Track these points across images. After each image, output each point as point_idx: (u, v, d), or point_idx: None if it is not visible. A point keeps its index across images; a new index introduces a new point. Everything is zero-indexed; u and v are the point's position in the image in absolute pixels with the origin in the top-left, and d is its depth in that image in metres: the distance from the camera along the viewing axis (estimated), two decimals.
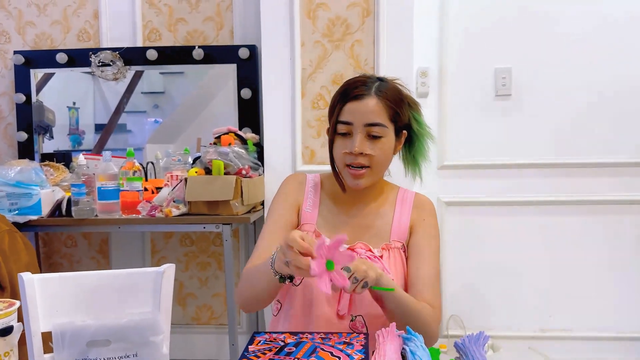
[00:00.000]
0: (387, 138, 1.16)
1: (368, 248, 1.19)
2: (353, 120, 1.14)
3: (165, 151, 2.45)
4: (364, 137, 1.14)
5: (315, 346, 0.91)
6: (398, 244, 1.21)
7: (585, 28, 2.33)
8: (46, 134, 2.67)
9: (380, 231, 1.23)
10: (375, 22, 2.22)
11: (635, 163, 2.35)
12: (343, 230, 1.23)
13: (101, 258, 2.67)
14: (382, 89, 1.16)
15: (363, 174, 1.16)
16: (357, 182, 1.17)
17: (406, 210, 1.25)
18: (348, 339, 0.96)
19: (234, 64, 2.51)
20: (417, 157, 1.28)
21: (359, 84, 1.17)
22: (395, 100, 1.17)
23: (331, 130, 1.19)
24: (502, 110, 2.39)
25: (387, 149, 1.17)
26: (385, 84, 1.18)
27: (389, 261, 1.18)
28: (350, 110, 1.15)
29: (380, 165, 1.18)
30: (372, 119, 1.14)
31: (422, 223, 1.24)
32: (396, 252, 1.20)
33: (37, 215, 2.05)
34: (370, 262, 1.05)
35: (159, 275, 1.34)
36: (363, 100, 1.14)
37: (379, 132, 1.15)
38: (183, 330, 2.63)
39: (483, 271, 2.45)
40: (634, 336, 2.39)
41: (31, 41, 2.65)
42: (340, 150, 1.17)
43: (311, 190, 1.26)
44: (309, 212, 1.23)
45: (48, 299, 1.28)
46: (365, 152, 1.14)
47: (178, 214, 2.03)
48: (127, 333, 1.25)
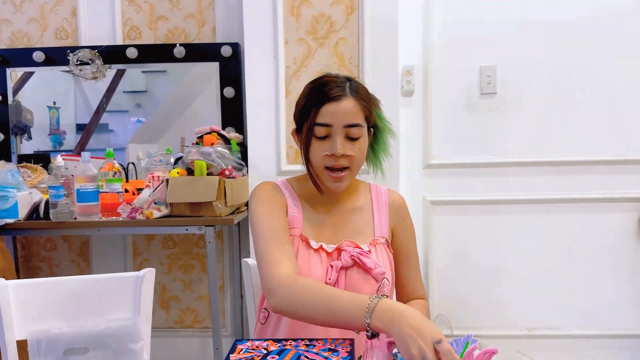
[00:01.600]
0: (363, 138, 1.17)
1: (355, 245, 1.18)
2: (332, 122, 1.12)
3: (146, 151, 2.40)
4: (344, 139, 1.13)
5: (299, 354, 0.88)
6: (382, 240, 1.22)
7: (570, 26, 2.34)
8: (24, 135, 2.61)
9: (363, 227, 1.23)
10: (360, 20, 2.20)
11: (620, 160, 2.36)
12: (325, 233, 1.21)
13: (81, 261, 2.61)
14: (355, 88, 1.16)
15: (343, 176, 1.16)
16: (338, 184, 1.17)
17: (383, 207, 1.26)
18: (333, 345, 0.93)
19: (216, 62, 2.47)
20: (379, 153, 1.28)
21: (332, 85, 1.14)
22: (367, 99, 1.18)
23: (307, 132, 1.15)
24: (488, 108, 2.39)
25: (364, 149, 1.18)
26: (355, 83, 1.17)
27: (377, 256, 1.19)
28: (329, 112, 1.12)
29: (359, 165, 1.18)
30: (351, 120, 1.13)
31: (402, 223, 1.28)
32: (382, 248, 1.21)
33: (13, 218, 1.99)
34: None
35: (139, 279, 1.31)
36: (341, 102, 1.13)
37: (358, 132, 1.14)
38: (166, 334, 2.58)
39: (469, 270, 2.44)
40: (621, 334, 2.40)
41: (7, 39, 2.58)
42: (320, 152, 1.14)
43: (288, 195, 1.23)
44: (295, 217, 1.21)
45: (23, 305, 1.24)
46: (347, 154, 1.13)
47: (159, 215, 1.99)
48: (106, 340, 1.22)
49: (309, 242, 1.18)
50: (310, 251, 1.17)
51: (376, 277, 1.15)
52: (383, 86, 2.20)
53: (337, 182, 1.16)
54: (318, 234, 1.20)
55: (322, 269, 1.15)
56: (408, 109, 2.39)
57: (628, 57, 2.33)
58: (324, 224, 1.22)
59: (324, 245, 1.18)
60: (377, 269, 1.15)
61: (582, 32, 2.33)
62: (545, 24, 2.34)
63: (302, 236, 1.19)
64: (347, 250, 1.16)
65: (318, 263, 1.16)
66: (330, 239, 1.20)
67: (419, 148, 2.42)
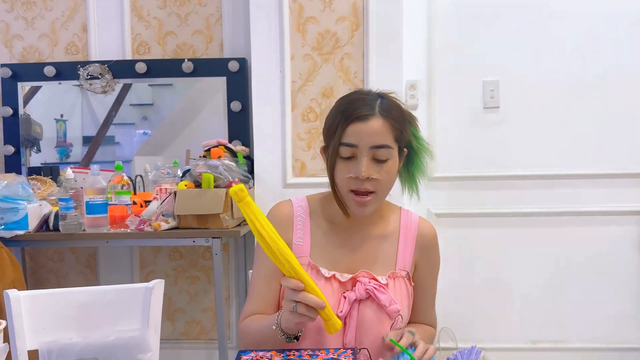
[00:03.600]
0: (392, 160, 1.09)
1: (372, 277, 1.11)
2: (358, 142, 1.05)
3: (154, 164, 2.43)
4: (370, 160, 1.06)
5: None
6: (403, 273, 1.16)
7: (572, 41, 2.37)
8: (33, 147, 2.64)
9: (385, 259, 1.15)
10: (365, 36, 2.24)
11: (624, 174, 2.37)
12: (343, 259, 1.14)
13: (89, 273, 2.63)
14: (385, 107, 1.08)
15: (368, 201, 1.08)
16: (363, 209, 1.09)
17: (410, 239, 1.18)
18: (336, 354, 0.94)
19: (223, 77, 2.51)
20: (415, 173, 1.20)
21: (360, 103, 1.08)
22: (399, 120, 1.09)
23: (332, 152, 1.09)
24: (491, 122, 2.41)
25: (393, 172, 1.10)
26: (387, 101, 1.10)
27: (394, 290, 1.12)
28: (355, 132, 1.06)
29: (386, 189, 1.10)
30: (379, 141, 1.06)
31: (427, 259, 1.20)
32: (401, 281, 1.15)
33: (23, 230, 2.02)
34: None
35: (148, 291, 1.33)
36: (368, 122, 1.05)
37: (386, 154, 1.07)
38: (172, 346, 2.59)
39: (473, 283, 2.45)
40: (625, 347, 2.40)
41: (18, 54, 2.63)
42: (344, 174, 1.07)
43: (300, 219, 1.16)
44: (300, 245, 1.14)
45: (35, 316, 1.26)
46: (372, 177, 1.06)
47: (167, 227, 2.01)
48: (115, 351, 1.24)
49: (320, 270, 1.12)
50: (322, 280, 1.10)
51: (390, 314, 1.09)
52: None
53: (362, 206, 1.08)
54: (333, 260, 1.14)
55: (334, 298, 1.09)
56: None
57: (630, 71, 2.36)
58: (341, 250, 1.15)
59: (337, 275, 1.11)
60: (392, 306, 1.09)
61: (584, 47, 2.36)
62: (548, 39, 2.37)
63: (310, 264, 1.12)
64: (363, 282, 1.10)
65: (329, 292, 1.09)
66: (347, 266, 1.13)
67: None
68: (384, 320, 1.09)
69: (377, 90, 1.14)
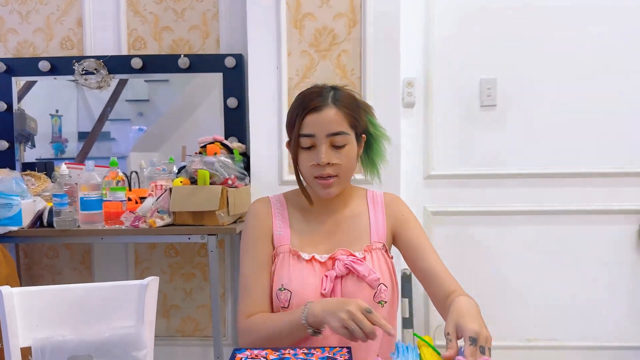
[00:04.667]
0: (350, 145, 1.18)
1: (349, 252, 1.19)
2: (315, 132, 1.15)
3: (149, 160, 2.41)
4: (328, 147, 1.15)
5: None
6: (379, 245, 1.22)
7: (570, 39, 2.37)
8: (28, 143, 2.62)
9: (359, 234, 1.23)
10: (362, 33, 2.23)
11: (620, 173, 2.38)
12: (322, 243, 1.22)
13: (83, 269, 2.62)
14: (338, 97, 1.17)
15: (332, 182, 1.17)
16: (328, 190, 1.18)
17: (379, 210, 1.26)
18: (331, 353, 0.94)
19: (220, 73, 2.50)
20: (375, 159, 1.30)
21: (314, 96, 1.17)
22: (352, 107, 1.18)
23: (294, 144, 1.19)
24: (488, 120, 2.41)
25: (352, 156, 1.19)
26: (340, 92, 1.19)
27: (372, 262, 1.19)
28: (311, 123, 1.15)
29: (347, 172, 1.19)
30: (334, 128, 1.15)
31: (401, 219, 1.26)
32: (378, 253, 1.21)
33: (17, 226, 2.00)
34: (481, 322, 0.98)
35: (143, 288, 1.32)
36: (322, 112, 1.15)
37: (342, 140, 1.16)
38: (167, 343, 2.58)
39: (469, 281, 2.43)
40: (620, 345, 2.41)
41: (13, 49, 2.61)
42: (307, 163, 1.17)
43: (278, 211, 1.25)
44: (281, 234, 1.22)
45: (28, 313, 1.25)
46: (332, 162, 1.15)
47: (162, 224, 2.00)
48: (110, 348, 1.23)
49: (300, 255, 1.19)
50: (302, 263, 1.18)
51: (371, 283, 1.15)
52: (384, 98, 2.23)
53: (326, 188, 1.17)
54: (312, 245, 1.21)
55: (317, 279, 1.16)
56: (409, 120, 2.42)
57: (628, 70, 2.36)
58: (318, 234, 1.23)
59: (317, 256, 1.19)
60: (371, 276, 1.15)
61: (581, 45, 2.36)
62: (545, 38, 2.37)
63: (291, 250, 1.20)
64: (341, 259, 1.17)
65: (311, 274, 1.17)
66: (326, 248, 1.21)
67: (419, 159, 2.44)
68: (366, 289, 1.15)
69: (331, 84, 1.22)
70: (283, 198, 1.29)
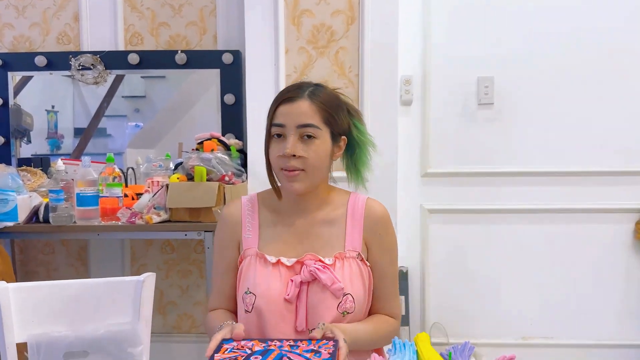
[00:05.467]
0: (321, 140, 1.14)
1: (317, 258, 1.14)
2: (285, 122, 1.13)
3: (146, 157, 2.41)
4: (297, 139, 1.12)
5: (282, 354, 0.90)
6: (353, 253, 1.17)
7: (568, 38, 2.36)
8: (24, 138, 2.61)
9: (332, 240, 1.18)
10: (360, 30, 2.22)
11: (616, 172, 2.38)
12: (292, 246, 1.18)
13: (80, 266, 2.61)
14: (315, 92, 1.15)
15: (297, 174, 1.13)
16: (292, 184, 1.14)
17: (357, 220, 1.20)
18: (317, 346, 0.95)
19: (217, 69, 2.49)
20: (359, 166, 1.25)
21: (292, 88, 1.17)
22: (329, 103, 1.15)
23: (266, 133, 1.18)
24: (485, 118, 2.41)
25: (322, 152, 1.14)
26: (321, 89, 1.17)
27: (342, 270, 1.14)
28: (283, 113, 1.14)
29: (315, 168, 1.14)
30: (304, 120, 1.12)
31: (377, 238, 1.21)
32: (352, 262, 1.17)
33: (13, 221, 1.99)
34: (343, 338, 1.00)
35: (139, 284, 1.32)
36: (295, 102, 1.13)
37: (312, 132, 1.12)
38: (163, 339, 2.58)
39: (465, 279, 2.46)
40: (615, 344, 2.42)
41: (9, 43, 2.59)
42: (275, 153, 1.15)
43: (248, 213, 1.23)
44: (249, 238, 1.20)
45: (24, 309, 1.25)
46: (298, 154, 1.12)
47: (159, 220, 2.00)
48: (105, 344, 1.23)
49: (266, 258, 1.16)
50: (269, 266, 1.15)
51: (334, 292, 1.11)
52: (382, 95, 2.23)
53: (291, 181, 1.13)
54: (281, 248, 1.18)
55: (282, 283, 1.14)
56: (406, 118, 2.42)
57: (626, 68, 2.36)
58: (288, 237, 1.19)
59: (283, 259, 1.15)
60: (335, 285, 1.11)
61: (580, 44, 2.36)
62: (543, 36, 2.37)
63: (258, 254, 1.17)
64: (307, 264, 1.13)
65: (277, 278, 1.14)
66: (294, 252, 1.17)
67: (416, 156, 2.44)
68: (329, 300, 1.12)
69: (317, 82, 1.21)
70: (256, 198, 1.26)
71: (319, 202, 1.21)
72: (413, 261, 2.46)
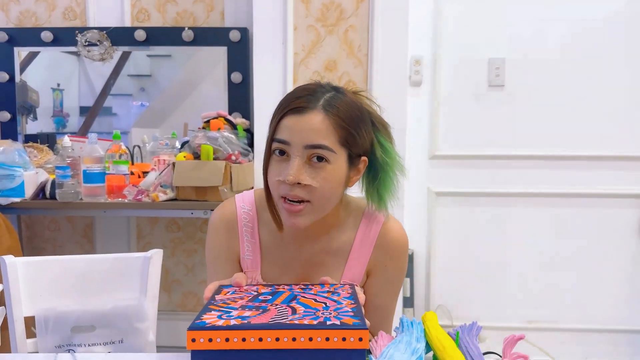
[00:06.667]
0: (333, 166, 0.90)
1: None
2: (290, 139, 0.89)
3: (152, 135, 2.40)
4: (303, 163, 0.89)
5: (294, 294, 0.80)
6: None
7: (580, 22, 2.32)
8: (30, 115, 2.60)
9: (333, 270, 1.01)
10: (370, 8, 2.19)
11: (626, 157, 2.36)
12: (294, 272, 1.01)
13: (85, 243, 2.62)
14: (333, 102, 0.90)
15: (301, 209, 0.91)
16: (293, 220, 0.92)
17: (365, 249, 1.01)
18: (332, 289, 0.85)
19: (224, 47, 2.46)
20: (381, 192, 0.99)
21: (303, 93, 0.91)
22: (349, 118, 0.91)
23: (266, 149, 0.94)
24: (495, 101, 2.38)
25: (334, 180, 0.91)
26: (341, 97, 0.92)
27: None
28: (288, 126, 0.89)
29: (324, 200, 0.92)
30: (314, 139, 0.88)
31: (381, 269, 1.02)
32: None
33: (20, 197, 1.99)
34: None
35: (146, 260, 1.32)
36: (305, 115, 0.89)
37: (324, 155, 0.89)
38: (168, 317, 2.59)
39: (471, 262, 2.45)
40: (620, 329, 2.42)
41: (15, 18, 2.57)
42: (275, 176, 0.91)
43: (247, 230, 1.02)
44: (250, 259, 1.02)
45: (32, 283, 1.25)
46: (304, 182, 0.89)
47: (165, 199, 1.99)
48: (113, 319, 1.23)
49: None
50: None
51: None
52: (391, 76, 2.20)
53: (293, 217, 0.92)
54: (282, 276, 1.02)
55: None
56: (416, 99, 2.39)
57: (637, 53, 2.32)
58: (293, 266, 1.02)
59: None
60: None
61: (591, 28, 2.32)
62: (555, 20, 2.33)
63: (259, 283, 1.02)
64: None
65: None
66: (294, 278, 1.02)
67: (425, 139, 2.42)
68: None
69: (335, 85, 0.96)
70: (255, 210, 1.03)
71: (327, 227, 1.01)
72: (419, 243, 2.45)
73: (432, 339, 0.87)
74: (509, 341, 0.82)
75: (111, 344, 1.23)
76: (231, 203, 1.05)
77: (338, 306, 0.74)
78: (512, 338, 0.83)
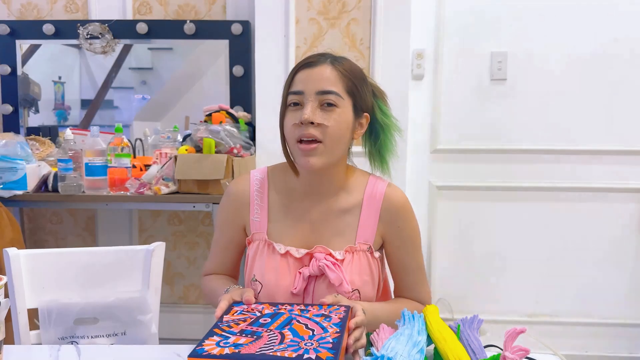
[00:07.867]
0: (342, 110, 1.04)
1: (328, 252, 1.07)
2: (304, 88, 1.03)
3: (154, 128, 2.40)
4: (316, 107, 1.03)
5: (291, 317, 0.89)
6: (364, 246, 1.10)
7: (583, 17, 2.31)
8: (32, 108, 2.61)
9: (345, 233, 1.10)
10: (372, 1, 2.18)
11: (627, 151, 2.36)
12: (302, 234, 1.10)
13: (87, 236, 2.63)
14: (339, 59, 1.07)
15: (314, 148, 1.02)
16: (308, 159, 1.03)
17: (374, 210, 1.10)
18: (327, 311, 0.92)
19: (226, 40, 2.46)
20: (383, 152, 1.15)
21: (313, 55, 1.08)
22: (353, 73, 1.07)
23: (282, 103, 1.08)
24: (497, 94, 2.38)
25: (343, 122, 1.04)
26: (344, 59, 1.09)
27: (351, 265, 1.07)
28: (302, 79, 1.04)
29: (335, 140, 1.04)
30: (325, 86, 1.03)
31: (396, 230, 1.12)
32: (362, 255, 1.09)
33: (22, 190, 2.00)
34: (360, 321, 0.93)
35: (149, 253, 1.33)
36: (316, 67, 1.04)
37: (333, 100, 1.03)
38: (170, 310, 2.61)
39: (472, 255, 2.46)
40: (619, 322, 2.43)
41: (17, 11, 2.56)
42: (291, 122, 1.04)
43: (257, 194, 1.13)
44: (258, 221, 1.12)
45: (35, 275, 1.26)
46: (317, 122, 1.01)
47: (167, 192, 2.00)
48: (115, 311, 1.24)
49: (275, 247, 1.09)
50: (277, 256, 1.08)
51: (341, 293, 1.04)
52: (393, 69, 2.19)
53: (308, 155, 1.03)
54: (292, 236, 1.10)
55: (290, 275, 1.07)
56: (417, 93, 2.39)
57: None
58: (301, 225, 1.11)
59: (292, 251, 1.08)
60: (343, 287, 1.04)
61: (594, 24, 2.31)
62: (559, 14, 2.32)
63: (267, 241, 1.10)
64: (317, 258, 1.06)
65: (285, 269, 1.08)
66: (305, 241, 1.10)
67: (426, 132, 2.42)
68: None
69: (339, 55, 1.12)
70: (266, 176, 1.16)
71: (335, 188, 1.11)
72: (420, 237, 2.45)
73: (433, 332, 0.88)
74: (510, 334, 0.83)
75: (114, 336, 1.24)
76: (247, 174, 1.18)
77: (323, 335, 0.82)
78: (513, 331, 0.84)
